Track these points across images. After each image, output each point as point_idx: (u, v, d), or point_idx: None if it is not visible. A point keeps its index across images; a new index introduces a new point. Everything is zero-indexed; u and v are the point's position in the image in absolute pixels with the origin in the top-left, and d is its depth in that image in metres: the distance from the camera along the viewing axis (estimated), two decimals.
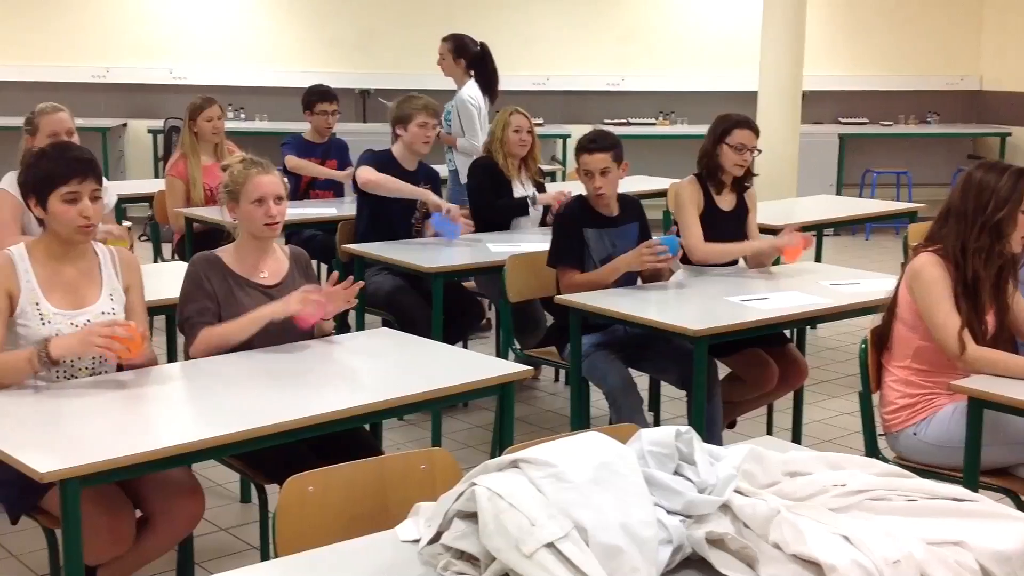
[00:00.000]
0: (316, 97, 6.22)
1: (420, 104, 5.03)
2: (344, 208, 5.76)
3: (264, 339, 3.23)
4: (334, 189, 6.27)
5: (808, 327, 5.23)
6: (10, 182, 4.32)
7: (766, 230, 4.93)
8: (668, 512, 1.94)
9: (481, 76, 6.26)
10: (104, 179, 3.05)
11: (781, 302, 3.96)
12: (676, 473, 2.01)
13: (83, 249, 3.02)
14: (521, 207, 5.25)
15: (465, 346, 5.22)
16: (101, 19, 9.64)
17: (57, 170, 2.89)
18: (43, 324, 2.88)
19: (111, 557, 2.82)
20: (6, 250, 2.95)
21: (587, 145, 4.13)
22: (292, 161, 6.08)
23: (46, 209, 2.90)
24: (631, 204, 4.32)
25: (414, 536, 2.02)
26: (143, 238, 7.77)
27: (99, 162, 3.04)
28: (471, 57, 6.28)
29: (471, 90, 6.20)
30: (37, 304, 2.89)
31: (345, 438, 3.13)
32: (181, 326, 3.25)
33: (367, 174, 4.98)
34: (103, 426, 2.65)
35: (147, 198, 6.52)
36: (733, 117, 4.40)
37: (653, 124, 9.92)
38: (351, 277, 3.34)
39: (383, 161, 5.07)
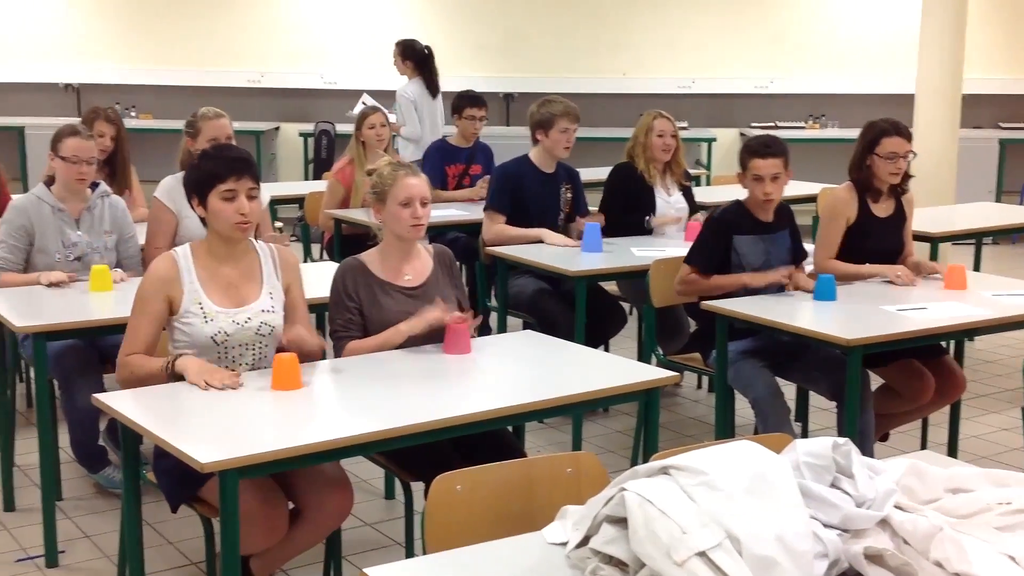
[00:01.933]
0: (466, 102, 6.28)
1: (561, 109, 5.01)
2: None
3: (412, 339, 3.27)
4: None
5: (966, 339, 5.02)
6: (165, 190, 4.47)
7: (921, 237, 4.76)
8: (824, 525, 1.88)
9: (424, 75, 7.38)
10: None
11: (939, 312, 3.81)
12: (833, 486, 1.95)
13: (244, 248, 3.12)
14: (639, 227, 5.18)
15: (607, 350, 5.19)
16: (257, 26, 9.96)
17: (216, 169, 3.00)
18: (206, 322, 2.99)
19: (265, 547, 2.90)
20: (172, 252, 3.07)
21: (761, 149, 4.04)
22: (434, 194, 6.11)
23: (206, 207, 3.01)
24: (783, 210, 4.23)
25: (561, 539, 2.01)
26: (293, 238, 8.00)
27: (256, 162, 3.13)
28: (416, 59, 7.40)
29: (410, 86, 7.37)
30: (200, 303, 3.00)
31: (489, 439, 3.15)
32: (331, 335, 3.33)
33: (490, 233, 5.02)
34: (259, 420, 2.72)
35: (298, 200, 6.69)
36: (880, 125, 4.22)
37: (802, 128, 9.69)
38: (467, 315, 3.34)
39: (518, 170, 5.08)
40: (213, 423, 2.68)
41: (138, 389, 2.94)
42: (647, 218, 5.17)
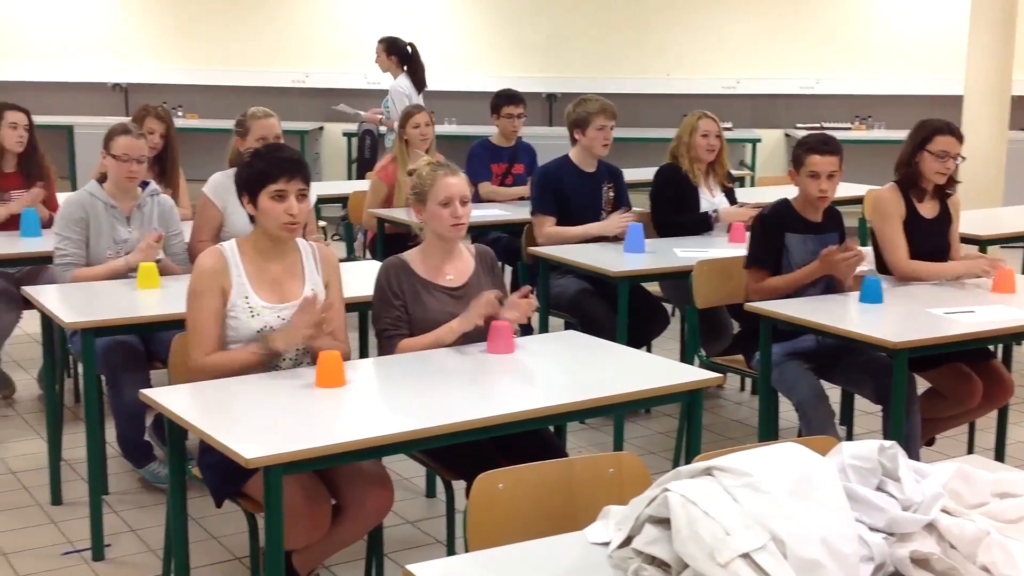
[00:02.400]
0: (503, 100, 6.28)
1: (597, 107, 5.00)
2: (529, 211, 5.79)
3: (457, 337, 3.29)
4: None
5: (1014, 343, 4.95)
6: (212, 187, 4.53)
7: (969, 240, 4.69)
8: (870, 529, 1.87)
9: (412, 71, 7.74)
10: None
11: (988, 316, 3.76)
12: (879, 489, 1.94)
13: (288, 245, 3.15)
14: (702, 224, 5.15)
15: (648, 352, 5.17)
16: (302, 27, 10.04)
17: (268, 169, 3.03)
18: (252, 317, 3.02)
19: (308, 542, 2.92)
20: (219, 246, 3.11)
21: (819, 147, 4.02)
22: (485, 188, 6.13)
23: (256, 206, 3.04)
24: (833, 213, 4.19)
25: (604, 539, 2.01)
26: (335, 237, 8.05)
27: (306, 164, 3.16)
28: (400, 54, 7.76)
29: (402, 81, 7.71)
30: (247, 298, 3.03)
31: (530, 439, 3.15)
32: (378, 335, 3.34)
33: (545, 238, 5.00)
34: (301, 416, 2.74)
35: (341, 199, 6.73)
36: (935, 123, 4.19)
37: (848, 129, 9.60)
38: (527, 287, 3.37)
39: (558, 171, 5.07)
40: (258, 419, 2.71)
41: (185, 384, 2.97)
42: (712, 212, 5.14)
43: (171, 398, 2.82)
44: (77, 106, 9.92)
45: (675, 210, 5.16)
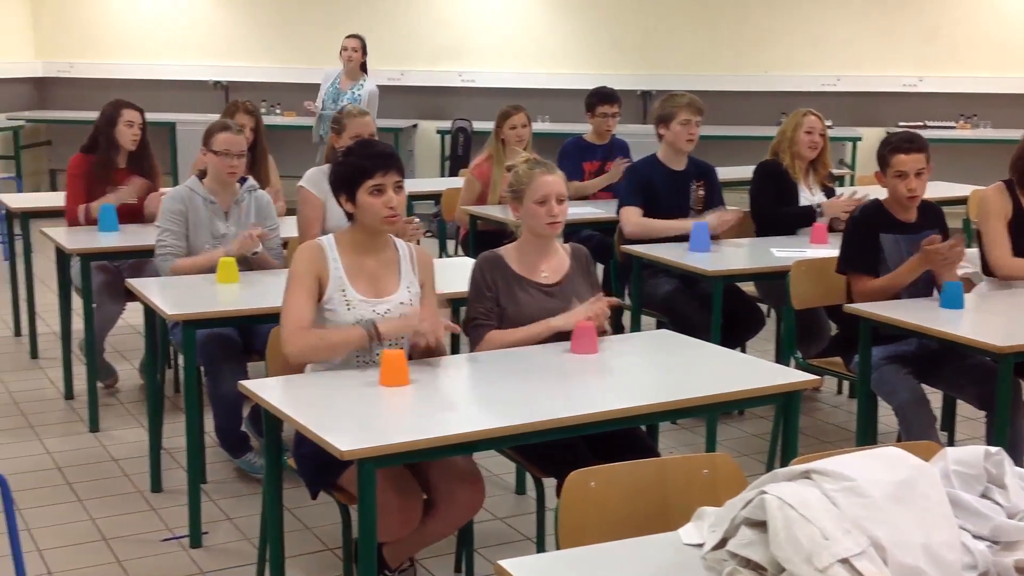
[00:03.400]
0: (598, 99, 6.25)
1: (683, 101, 4.94)
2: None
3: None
4: (613, 189, 6.30)
5: None
6: (310, 179, 4.62)
7: None
8: (973, 536, 1.82)
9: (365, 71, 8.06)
10: None
11: None
12: (983, 496, 1.88)
13: (385, 242, 3.17)
14: (806, 217, 5.06)
15: (743, 353, 5.10)
16: (400, 26, 10.14)
17: (363, 165, 3.05)
18: (348, 310, 3.05)
19: (399, 536, 2.95)
20: (317, 240, 3.15)
21: (904, 145, 3.93)
22: (573, 186, 6.11)
23: (355, 203, 3.06)
24: (932, 211, 4.08)
25: (697, 540, 1.98)
26: (428, 234, 8.10)
27: (399, 155, 3.18)
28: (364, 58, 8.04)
29: (375, 81, 8.03)
30: (343, 291, 3.06)
31: (622, 438, 3.13)
32: (465, 325, 3.36)
33: (632, 227, 4.97)
34: (395, 411, 2.76)
35: (434, 196, 6.78)
36: None
37: (952, 128, 9.36)
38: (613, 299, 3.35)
39: (648, 171, 5.02)
40: (353, 412, 2.73)
41: (282, 376, 3.02)
42: (818, 205, 5.06)
43: (268, 390, 2.86)
44: (179, 103, 10.18)
45: (776, 205, 5.08)
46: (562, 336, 3.26)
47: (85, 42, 10.53)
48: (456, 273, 3.81)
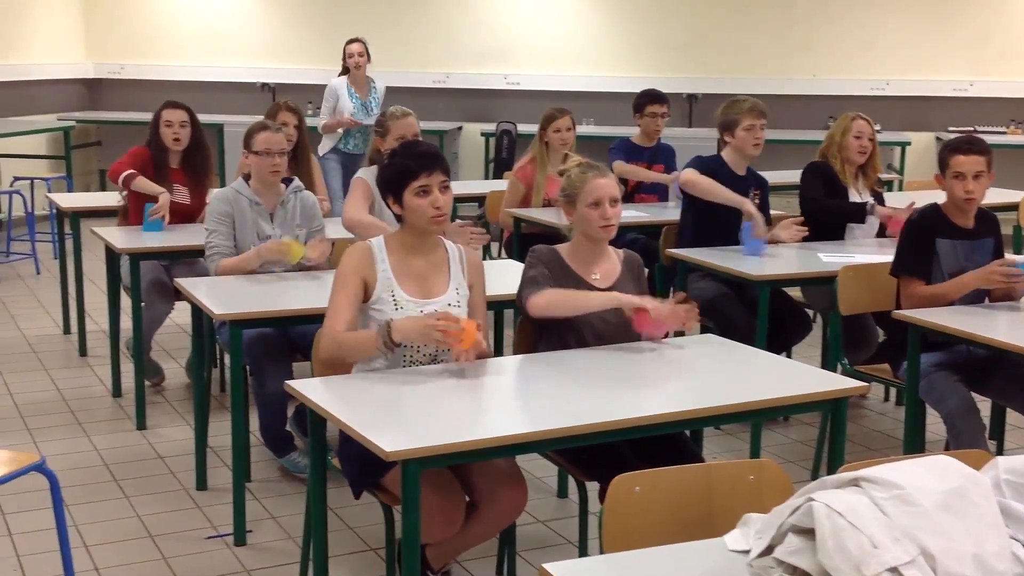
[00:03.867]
0: (647, 99, 6.24)
1: (746, 107, 4.91)
2: (668, 212, 5.74)
3: (595, 337, 3.28)
4: (659, 193, 6.28)
5: None
6: (364, 171, 4.67)
7: None
8: None
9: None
10: None
11: None
12: None
13: (434, 242, 3.18)
14: (856, 213, 5.01)
15: (789, 358, 5.06)
16: (445, 29, 10.17)
17: (408, 166, 3.06)
18: (396, 310, 3.05)
19: (442, 537, 2.95)
20: (367, 242, 3.16)
21: (962, 146, 3.89)
22: (620, 167, 6.12)
23: (402, 204, 3.07)
24: (987, 218, 4.03)
25: (743, 547, 1.96)
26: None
27: (444, 156, 3.18)
28: None
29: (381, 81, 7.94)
30: (392, 292, 3.07)
31: (666, 442, 3.11)
32: (521, 289, 3.29)
33: (690, 174, 4.94)
34: (439, 412, 2.76)
35: (479, 198, 6.79)
36: None
37: (1003, 133, 9.23)
38: (682, 293, 3.33)
39: (712, 166, 5.00)
40: (397, 413, 2.74)
41: (328, 377, 3.04)
42: (869, 205, 5.01)
43: (313, 390, 2.88)
44: (227, 105, 10.27)
45: (825, 197, 5.04)
46: (602, 339, 3.25)
47: (135, 44, 10.67)
48: (500, 275, 3.81)
